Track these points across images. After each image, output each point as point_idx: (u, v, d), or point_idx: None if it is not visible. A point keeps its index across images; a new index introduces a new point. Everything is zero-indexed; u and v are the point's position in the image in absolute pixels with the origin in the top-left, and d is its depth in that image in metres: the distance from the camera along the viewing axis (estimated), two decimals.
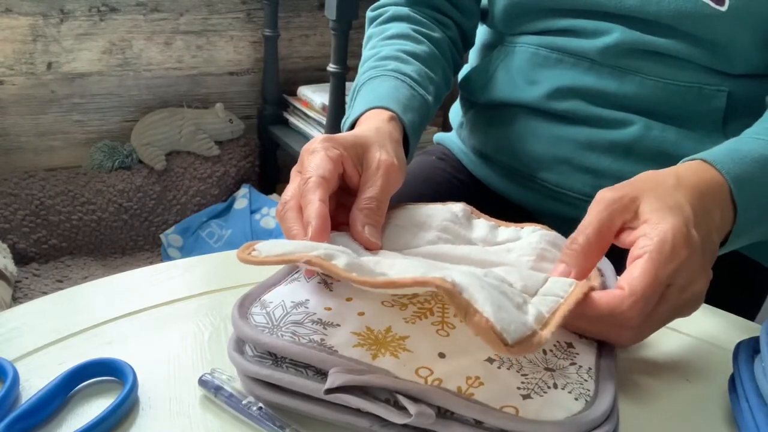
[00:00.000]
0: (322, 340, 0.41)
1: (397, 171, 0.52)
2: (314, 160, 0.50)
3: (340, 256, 0.39)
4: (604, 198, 0.47)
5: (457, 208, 0.56)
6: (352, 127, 0.62)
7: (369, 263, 0.41)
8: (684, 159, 0.54)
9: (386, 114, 0.60)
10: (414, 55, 0.71)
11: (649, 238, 0.44)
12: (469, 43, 0.84)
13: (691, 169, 0.51)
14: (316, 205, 0.47)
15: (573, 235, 0.47)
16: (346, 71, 1.58)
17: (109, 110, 1.85)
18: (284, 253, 0.40)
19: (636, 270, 0.43)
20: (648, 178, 0.49)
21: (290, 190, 0.50)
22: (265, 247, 0.42)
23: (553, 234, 0.53)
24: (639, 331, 0.44)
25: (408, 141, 0.63)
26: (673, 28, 0.65)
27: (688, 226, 0.44)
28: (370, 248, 0.49)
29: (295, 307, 0.44)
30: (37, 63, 1.72)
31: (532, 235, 0.53)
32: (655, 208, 0.45)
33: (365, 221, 0.49)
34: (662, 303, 0.43)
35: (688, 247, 0.44)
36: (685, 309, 0.46)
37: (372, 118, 0.60)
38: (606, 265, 0.52)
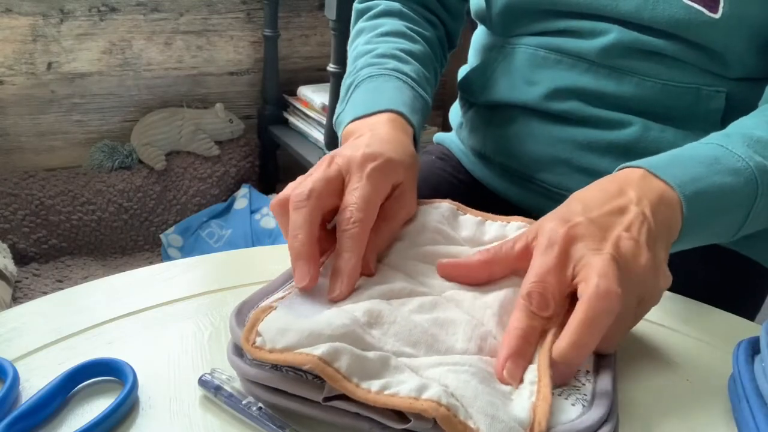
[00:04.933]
0: None
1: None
2: (358, 194, 0.48)
3: (343, 355, 0.38)
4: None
5: (444, 207, 0.56)
6: (350, 123, 0.62)
7: (372, 341, 0.40)
8: (620, 166, 0.53)
9: (410, 130, 0.60)
10: (411, 55, 0.71)
11: (582, 290, 0.42)
12: (453, 44, 0.84)
13: (621, 171, 0.51)
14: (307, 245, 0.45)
15: None
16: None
17: (109, 110, 1.85)
18: (288, 347, 0.39)
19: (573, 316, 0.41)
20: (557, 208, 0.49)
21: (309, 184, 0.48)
22: (269, 333, 0.40)
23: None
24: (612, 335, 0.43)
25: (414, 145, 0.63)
26: (668, 33, 0.65)
27: (613, 264, 0.42)
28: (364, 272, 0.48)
29: None
30: (37, 63, 1.72)
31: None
32: (581, 255, 0.43)
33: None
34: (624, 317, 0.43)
35: (620, 286, 0.41)
36: (650, 293, 0.45)
37: (397, 130, 0.58)
38: None
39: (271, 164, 2.06)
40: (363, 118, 0.61)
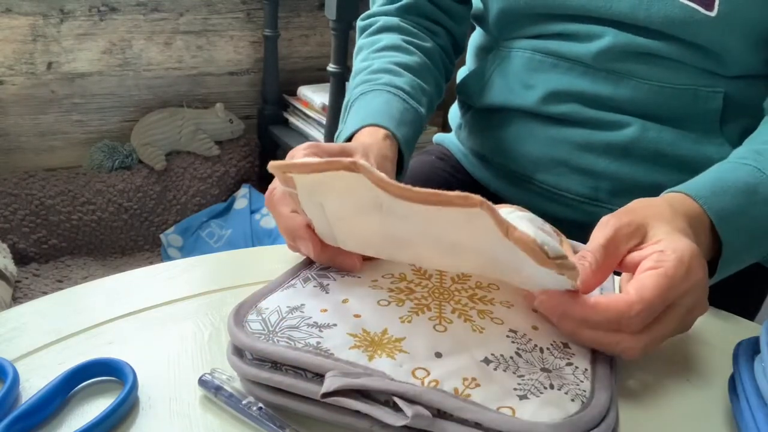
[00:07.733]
0: (318, 343, 0.41)
1: None
2: None
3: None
4: (610, 223, 0.47)
5: None
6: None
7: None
8: (667, 190, 0.55)
9: (381, 132, 0.62)
10: (406, 67, 0.72)
11: (666, 255, 0.44)
12: (459, 48, 0.84)
13: (677, 200, 0.52)
14: (298, 220, 0.48)
15: (581, 253, 0.47)
16: (346, 71, 1.58)
17: (109, 110, 1.85)
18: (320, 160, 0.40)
19: (648, 280, 0.43)
20: (646, 206, 0.50)
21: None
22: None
23: (528, 215, 0.53)
24: (642, 345, 0.43)
25: (402, 155, 0.64)
26: (664, 33, 0.65)
27: (700, 252, 0.45)
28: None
29: (290, 312, 0.44)
30: (37, 63, 1.72)
31: (508, 218, 0.53)
32: (667, 231, 0.47)
33: None
34: (669, 320, 0.44)
35: (702, 269, 0.45)
36: (683, 329, 0.47)
37: (367, 136, 0.61)
38: None
39: None
40: (351, 139, 0.63)
